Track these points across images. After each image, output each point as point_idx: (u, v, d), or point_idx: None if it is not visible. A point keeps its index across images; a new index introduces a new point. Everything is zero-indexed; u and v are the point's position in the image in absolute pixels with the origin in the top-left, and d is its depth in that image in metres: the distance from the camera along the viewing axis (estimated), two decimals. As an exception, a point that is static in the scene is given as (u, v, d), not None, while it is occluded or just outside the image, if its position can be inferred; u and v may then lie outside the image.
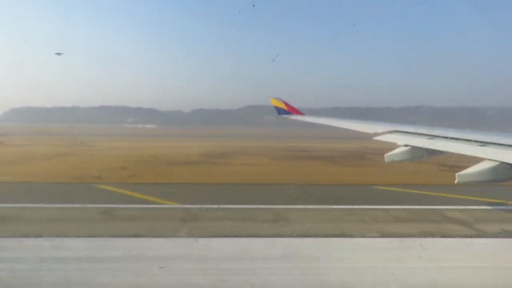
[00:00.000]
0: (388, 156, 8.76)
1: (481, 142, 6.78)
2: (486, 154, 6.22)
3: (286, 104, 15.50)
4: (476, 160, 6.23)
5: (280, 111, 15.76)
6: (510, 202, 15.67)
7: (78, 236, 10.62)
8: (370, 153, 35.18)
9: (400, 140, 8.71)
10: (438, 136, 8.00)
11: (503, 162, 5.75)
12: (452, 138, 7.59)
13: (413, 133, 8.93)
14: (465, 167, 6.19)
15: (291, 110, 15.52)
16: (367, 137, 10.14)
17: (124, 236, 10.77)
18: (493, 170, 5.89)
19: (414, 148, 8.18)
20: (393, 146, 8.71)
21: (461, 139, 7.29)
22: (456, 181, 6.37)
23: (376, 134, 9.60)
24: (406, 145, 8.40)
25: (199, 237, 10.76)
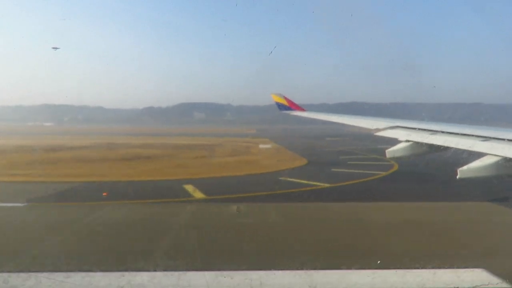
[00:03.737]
0: (390, 151, 8.71)
1: (482, 137, 6.74)
2: (488, 149, 6.19)
3: (287, 99, 15.30)
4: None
5: (281, 107, 15.55)
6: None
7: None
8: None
9: (401, 136, 8.66)
10: (440, 131, 7.94)
11: (506, 157, 5.73)
12: (454, 133, 7.54)
13: (414, 128, 8.86)
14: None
15: (292, 105, 15.36)
16: (368, 132, 10.09)
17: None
18: (496, 165, 5.87)
19: (416, 144, 8.14)
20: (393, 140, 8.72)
21: (463, 134, 7.25)
22: (457, 177, 6.34)
23: (378, 130, 9.56)
24: (408, 141, 8.37)
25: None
